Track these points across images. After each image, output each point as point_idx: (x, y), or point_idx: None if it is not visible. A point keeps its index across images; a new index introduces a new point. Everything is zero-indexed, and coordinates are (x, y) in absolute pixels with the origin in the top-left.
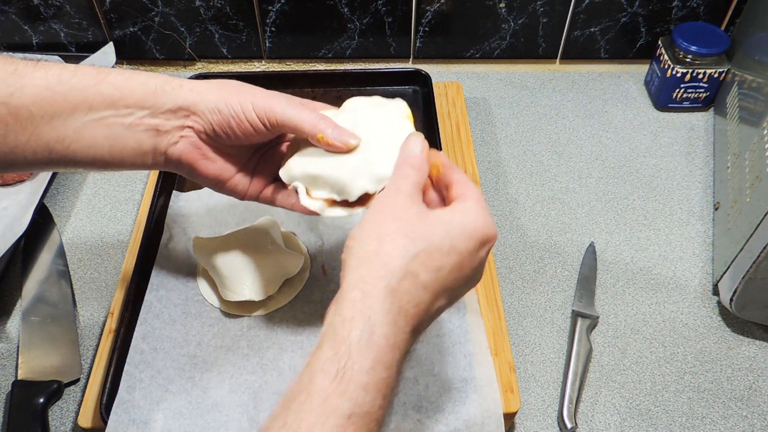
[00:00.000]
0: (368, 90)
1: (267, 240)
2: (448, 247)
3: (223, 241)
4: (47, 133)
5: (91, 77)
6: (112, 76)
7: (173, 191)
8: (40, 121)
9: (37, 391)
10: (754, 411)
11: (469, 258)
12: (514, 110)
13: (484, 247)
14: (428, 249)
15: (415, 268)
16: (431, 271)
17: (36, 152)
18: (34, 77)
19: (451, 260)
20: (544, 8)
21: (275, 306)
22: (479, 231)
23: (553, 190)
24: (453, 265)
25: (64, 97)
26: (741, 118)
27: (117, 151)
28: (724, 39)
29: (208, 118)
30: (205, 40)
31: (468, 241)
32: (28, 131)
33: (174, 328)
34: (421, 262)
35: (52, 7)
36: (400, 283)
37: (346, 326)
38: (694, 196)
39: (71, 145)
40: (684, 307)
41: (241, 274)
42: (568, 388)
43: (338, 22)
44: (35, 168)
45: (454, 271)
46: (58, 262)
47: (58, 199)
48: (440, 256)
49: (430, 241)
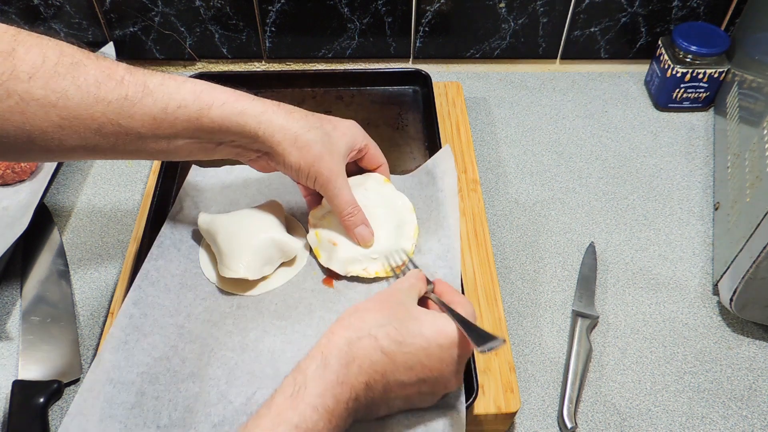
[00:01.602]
0: (368, 90)
1: (269, 222)
2: (416, 332)
3: (227, 219)
4: (152, 146)
5: (195, 109)
6: (213, 110)
7: (193, 165)
8: (147, 139)
9: (37, 391)
10: (754, 411)
11: (438, 349)
12: (514, 110)
13: (455, 348)
14: (396, 326)
15: (377, 333)
16: (393, 342)
17: (139, 155)
18: (144, 105)
19: (416, 342)
20: (544, 8)
21: (266, 288)
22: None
23: (553, 190)
24: (418, 347)
25: (170, 126)
26: (741, 118)
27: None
28: (724, 39)
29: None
30: (205, 40)
31: (439, 335)
32: (135, 144)
33: (168, 297)
34: (386, 332)
35: (52, 7)
36: (360, 340)
37: (307, 361)
38: (694, 196)
39: (170, 155)
40: (684, 307)
41: (240, 252)
42: (568, 388)
43: (338, 22)
44: None
45: (420, 353)
46: (58, 262)
47: (58, 199)
48: (406, 333)
49: (402, 322)
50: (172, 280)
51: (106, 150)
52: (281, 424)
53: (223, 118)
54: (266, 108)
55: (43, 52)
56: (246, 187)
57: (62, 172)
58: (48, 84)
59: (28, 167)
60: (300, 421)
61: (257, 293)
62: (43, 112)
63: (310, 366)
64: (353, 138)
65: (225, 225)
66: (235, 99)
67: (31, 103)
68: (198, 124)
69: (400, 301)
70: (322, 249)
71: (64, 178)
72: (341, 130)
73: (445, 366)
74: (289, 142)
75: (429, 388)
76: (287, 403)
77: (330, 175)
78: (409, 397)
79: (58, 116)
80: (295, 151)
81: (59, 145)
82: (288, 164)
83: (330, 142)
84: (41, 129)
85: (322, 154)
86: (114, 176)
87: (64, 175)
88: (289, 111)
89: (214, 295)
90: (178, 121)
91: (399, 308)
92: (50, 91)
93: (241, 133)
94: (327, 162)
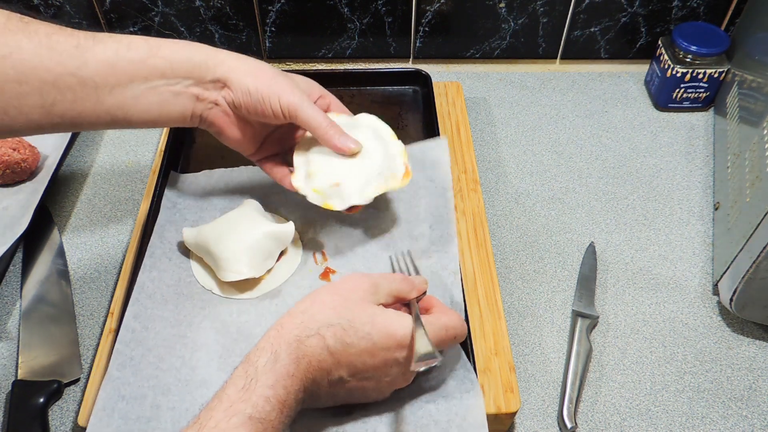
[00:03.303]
0: (368, 90)
1: (255, 219)
2: (364, 333)
3: (213, 227)
4: (109, 100)
5: (145, 51)
6: (162, 49)
7: (171, 171)
8: (102, 91)
9: (37, 391)
10: (754, 411)
11: (383, 351)
12: (514, 110)
13: (402, 351)
14: (345, 326)
15: (325, 332)
16: (339, 342)
17: (99, 116)
18: (96, 51)
19: (362, 344)
20: (544, 8)
21: (266, 289)
22: (400, 334)
23: (553, 190)
24: (363, 349)
25: (123, 70)
26: (741, 118)
27: (165, 114)
28: (724, 39)
29: (239, 95)
30: (205, 40)
31: (386, 338)
32: (93, 99)
33: (166, 308)
34: (333, 332)
35: (52, 6)
36: (309, 338)
37: (257, 353)
38: (694, 196)
39: (129, 110)
40: (684, 307)
41: (239, 254)
42: (568, 388)
43: (338, 22)
44: (96, 128)
45: (364, 354)
46: (58, 262)
47: (58, 199)
48: (353, 334)
49: (352, 322)
50: (168, 291)
51: (66, 110)
52: (234, 414)
53: (173, 53)
54: (218, 49)
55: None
56: (227, 190)
57: (62, 172)
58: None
59: (28, 167)
60: (253, 411)
61: (256, 295)
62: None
63: (261, 358)
64: (309, 84)
65: (213, 233)
66: (185, 42)
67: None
68: (151, 65)
69: (357, 298)
70: (330, 198)
71: (64, 178)
72: (297, 78)
73: (389, 367)
74: (243, 72)
75: (374, 385)
76: (239, 394)
77: (293, 94)
78: (352, 392)
79: (13, 69)
80: (251, 79)
81: (18, 105)
82: (247, 91)
83: (287, 75)
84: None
85: (277, 76)
86: (114, 176)
87: (64, 174)
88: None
89: (212, 303)
90: (131, 64)
91: (354, 306)
92: (2, 45)
93: (193, 67)
94: (285, 83)
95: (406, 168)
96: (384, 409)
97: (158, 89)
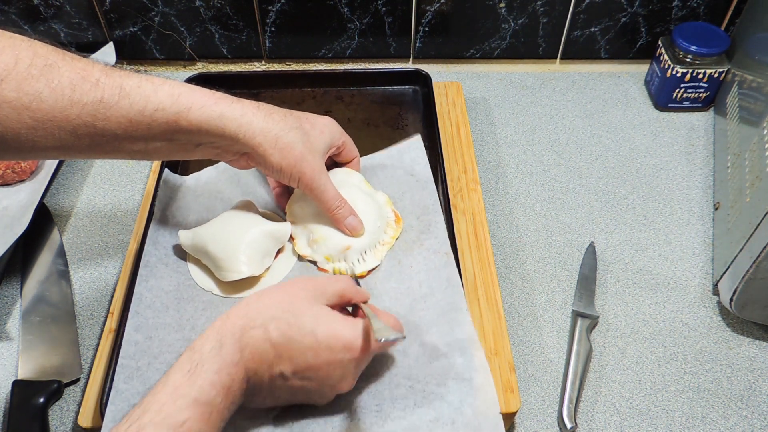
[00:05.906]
0: (368, 90)
1: (251, 218)
2: (308, 330)
3: (209, 228)
4: (129, 146)
5: (173, 112)
6: (192, 113)
7: (165, 170)
8: (123, 140)
9: (37, 391)
10: (754, 411)
11: (327, 351)
12: (514, 110)
13: (347, 353)
14: (290, 321)
15: (269, 326)
16: (283, 336)
17: (117, 155)
18: (120, 107)
19: (305, 340)
20: (544, 8)
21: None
22: (346, 336)
23: (553, 190)
24: (307, 346)
25: (147, 128)
26: (741, 118)
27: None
28: (724, 39)
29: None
30: (205, 40)
31: (331, 338)
32: (112, 145)
33: (168, 315)
34: (276, 326)
35: (52, 7)
36: (253, 330)
37: (202, 341)
38: (694, 196)
39: (149, 155)
40: (684, 307)
41: (237, 253)
42: (568, 388)
43: (338, 22)
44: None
45: (308, 352)
46: (58, 262)
47: (58, 199)
48: (297, 330)
49: (297, 317)
50: (168, 297)
51: (82, 150)
52: (179, 398)
53: (201, 120)
54: (246, 110)
55: (16, 53)
56: (219, 191)
57: (62, 172)
58: (21, 86)
59: (28, 167)
60: (199, 394)
61: None
62: (15, 114)
63: (206, 345)
64: (332, 136)
65: (210, 234)
66: (214, 102)
67: (3, 106)
68: (176, 127)
69: (305, 296)
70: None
71: (64, 178)
72: (319, 128)
73: (332, 369)
74: (269, 144)
75: (316, 386)
76: (184, 379)
77: (313, 174)
78: (294, 391)
79: (31, 118)
80: (276, 153)
81: (33, 146)
82: (270, 165)
83: (310, 141)
84: (14, 130)
85: (304, 154)
86: (114, 176)
87: (64, 175)
88: (269, 113)
89: (213, 304)
90: (156, 123)
91: (301, 304)
92: (23, 94)
93: (221, 135)
94: (309, 161)
95: (395, 215)
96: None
97: (182, 144)
